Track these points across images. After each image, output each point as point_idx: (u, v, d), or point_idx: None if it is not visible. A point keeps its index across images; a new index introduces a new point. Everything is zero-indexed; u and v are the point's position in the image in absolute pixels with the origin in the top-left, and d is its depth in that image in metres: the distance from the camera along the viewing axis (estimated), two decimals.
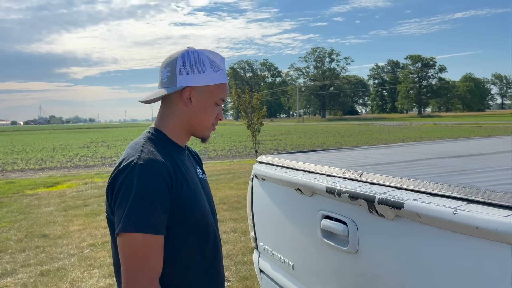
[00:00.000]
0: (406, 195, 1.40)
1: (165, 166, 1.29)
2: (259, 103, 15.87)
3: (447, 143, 3.30)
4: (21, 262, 5.11)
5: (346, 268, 1.68)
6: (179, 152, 1.45)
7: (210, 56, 1.43)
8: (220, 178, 10.82)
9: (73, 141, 34.24)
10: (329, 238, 1.75)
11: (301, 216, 2.02)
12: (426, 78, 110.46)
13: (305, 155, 2.69)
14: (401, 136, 27.00)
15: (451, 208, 1.19)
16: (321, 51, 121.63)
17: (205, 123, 1.45)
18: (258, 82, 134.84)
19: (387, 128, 42.63)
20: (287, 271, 2.19)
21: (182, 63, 1.40)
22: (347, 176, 1.79)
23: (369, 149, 3.09)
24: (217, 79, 1.41)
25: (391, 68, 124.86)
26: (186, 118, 1.43)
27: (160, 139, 1.42)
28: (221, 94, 1.44)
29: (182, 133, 1.46)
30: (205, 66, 1.40)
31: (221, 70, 1.43)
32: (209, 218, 1.45)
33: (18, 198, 9.18)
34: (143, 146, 1.35)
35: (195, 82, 1.39)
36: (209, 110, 1.43)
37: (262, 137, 25.85)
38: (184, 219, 1.35)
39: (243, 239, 5.64)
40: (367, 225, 1.55)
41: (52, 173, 13.60)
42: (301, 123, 77.18)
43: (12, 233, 6.41)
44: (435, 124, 47.03)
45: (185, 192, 1.34)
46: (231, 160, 15.64)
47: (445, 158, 2.26)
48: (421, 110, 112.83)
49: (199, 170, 1.57)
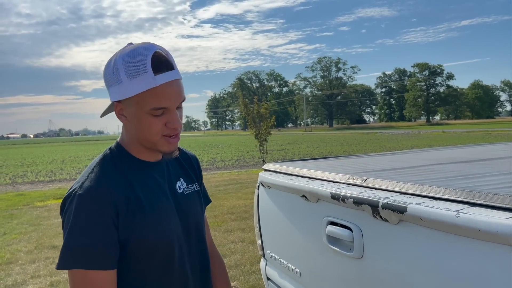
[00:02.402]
0: (409, 199, 1.41)
1: (108, 195, 1.15)
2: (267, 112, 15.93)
3: (451, 149, 3.30)
4: (31, 273, 5.15)
5: (352, 273, 1.69)
6: (144, 169, 1.28)
7: (129, 60, 1.15)
8: (228, 188, 10.84)
9: (82, 153, 34.48)
10: (335, 244, 1.76)
11: (306, 223, 2.03)
12: (434, 86, 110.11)
13: (310, 163, 2.71)
14: (409, 145, 26.89)
15: (454, 212, 1.21)
16: (327, 60, 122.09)
17: (149, 137, 1.20)
18: (265, 92, 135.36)
19: (395, 136, 42.47)
20: (294, 278, 2.20)
21: (104, 76, 1.22)
22: (352, 182, 1.81)
23: (373, 156, 3.10)
24: (138, 87, 1.13)
25: (398, 76, 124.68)
26: (131, 134, 1.25)
27: (118, 157, 1.26)
28: (151, 103, 1.14)
29: (141, 148, 1.27)
30: (120, 74, 1.15)
31: (144, 74, 1.13)
32: (175, 242, 1.28)
33: (28, 210, 9.25)
34: (92, 170, 1.22)
35: (115, 96, 1.18)
36: (145, 123, 1.17)
37: (270, 146, 25.86)
38: (139, 248, 1.21)
39: (251, 249, 5.63)
40: (372, 230, 1.56)
41: (62, 185, 13.69)
42: (309, 133, 77.15)
43: (22, 244, 6.46)
44: (444, 132, 46.80)
45: (139, 220, 1.19)
46: (239, 170, 15.66)
47: (449, 163, 2.27)
48: (429, 118, 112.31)
49: (181, 183, 1.39)
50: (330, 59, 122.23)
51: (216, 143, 43.07)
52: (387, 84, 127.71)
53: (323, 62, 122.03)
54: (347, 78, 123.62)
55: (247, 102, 16.08)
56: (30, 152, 42.47)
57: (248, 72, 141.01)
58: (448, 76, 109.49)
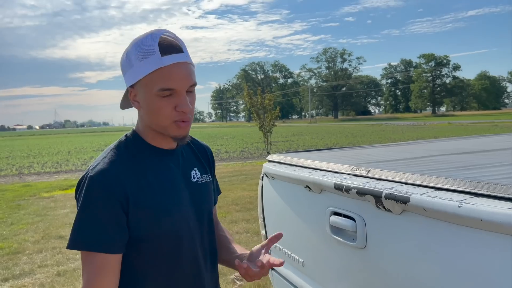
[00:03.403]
0: (412, 189, 1.41)
1: (117, 179, 1.17)
2: (271, 104, 15.89)
3: (456, 140, 3.30)
4: (38, 263, 5.21)
5: (355, 263, 1.70)
6: (159, 156, 1.29)
7: (139, 44, 1.20)
8: (232, 179, 10.88)
9: (87, 144, 34.63)
10: (338, 234, 1.77)
11: (310, 213, 2.04)
12: (440, 77, 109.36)
13: (314, 154, 2.71)
14: (414, 136, 26.80)
15: (456, 202, 1.21)
16: (332, 51, 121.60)
17: (160, 121, 1.22)
18: (270, 84, 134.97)
19: (401, 128, 42.33)
20: (298, 268, 2.22)
21: (121, 62, 1.26)
22: (355, 173, 1.81)
23: (377, 147, 3.10)
24: (146, 68, 1.17)
25: (404, 67, 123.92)
26: (144, 120, 1.27)
27: (133, 144, 1.28)
28: (158, 83, 1.17)
29: (155, 135, 1.28)
30: (131, 59, 1.20)
31: (152, 55, 1.17)
32: (186, 228, 1.30)
33: (34, 201, 9.34)
34: (106, 154, 1.24)
35: (128, 81, 1.23)
36: (155, 106, 1.19)
37: (274, 138, 25.86)
38: (149, 235, 1.22)
39: (255, 240, 5.67)
40: (375, 221, 1.57)
41: (68, 176, 13.78)
42: (314, 124, 77.00)
43: (30, 234, 6.53)
44: (449, 123, 46.57)
45: (150, 205, 1.21)
46: (244, 162, 15.68)
47: (453, 154, 2.26)
48: (435, 109, 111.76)
49: (196, 172, 1.40)
50: (335, 50, 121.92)
51: (220, 134, 43.10)
52: (392, 75, 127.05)
53: (328, 53, 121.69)
54: (352, 69, 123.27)
55: (252, 93, 16.03)
56: (36, 143, 42.68)
57: (253, 63, 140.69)
58: (455, 67, 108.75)
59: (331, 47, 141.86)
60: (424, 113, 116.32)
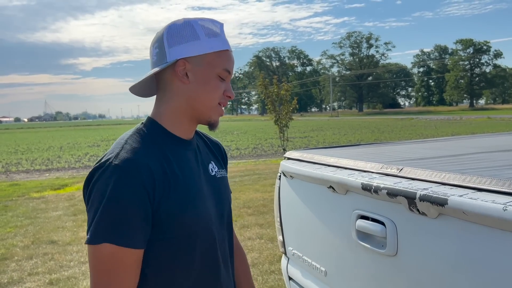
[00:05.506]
0: (450, 190, 1.42)
1: (146, 168, 1.21)
2: (288, 94, 15.82)
3: (497, 136, 3.28)
4: (28, 270, 5.29)
5: (384, 272, 1.71)
6: (179, 146, 1.36)
7: (203, 22, 1.33)
8: (244, 179, 10.91)
9: (81, 139, 34.94)
10: (365, 240, 1.78)
11: (334, 217, 2.05)
12: (479, 66, 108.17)
13: (338, 150, 2.72)
14: (449, 132, 26.59)
15: (501, 204, 1.21)
16: (357, 36, 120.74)
17: (209, 101, 1.32)
18: (286, 72, 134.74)
19: (434, 122, 42.03)
20: (319, 277, 2.23)
21: (170, 34, 1.31)
22: (385, 172, 1.82)
23: (410, 143, 3.10)
24: (215, 45, 1.30)
25: (439, 54, 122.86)
26: (185, 99, 1.32)
27: (153, 132, 1.33)
28: (224, 64, 1.32)
29: (183, 120, 1.35)
30: (198, 32, 1.30)
31: (218, 36, 1.32)
32: (209, 225, 1.36)
33: (23, 202, 9.47)
34: (126, 141, 1.27)
35: (188, 52, 1.29)
36: (212, 85, 1.31)
37: (291, 133, 25.85)
38: (172, 230, 1.27)
39: (270, 246, 5.69)
40: (407, 225, 1.57)
41: (60, 175, 13.94)
42: (335, 118, 76.85)
43: (18, 239, 6.63)
44: (489, 118, 46.12)
45: (175, 197, 1.26)
46: (256, 160, 15.72)
47: (495, 152, 2.26)
48: (473, 102, 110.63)
49: (213, 166, 1.48)
50: (360, 34, 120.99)
51: (230, 129, 43.19)
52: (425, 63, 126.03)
53: (353, 38, 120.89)
54: (379, 56, 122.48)
55: (268, 83, 15.97)
56: (24, 137, 43.19)
57: (267, 49, 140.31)
58: (496, 54, 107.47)
59: (355, 31, 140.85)
60: (460, 106, 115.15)
